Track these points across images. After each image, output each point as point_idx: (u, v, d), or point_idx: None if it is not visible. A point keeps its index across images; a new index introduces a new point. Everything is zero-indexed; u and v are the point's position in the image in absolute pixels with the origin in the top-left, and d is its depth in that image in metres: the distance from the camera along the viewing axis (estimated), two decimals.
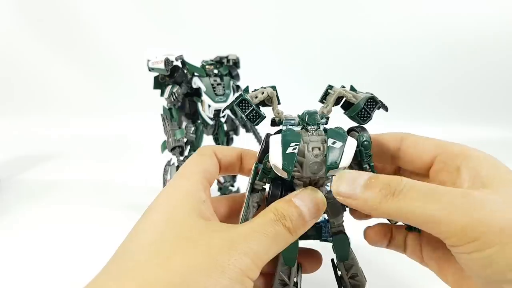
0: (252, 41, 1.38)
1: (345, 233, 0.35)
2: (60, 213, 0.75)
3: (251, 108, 0.33)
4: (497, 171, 0.28)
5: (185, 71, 0.67)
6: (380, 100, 0.33)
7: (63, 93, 1.42)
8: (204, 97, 0.65)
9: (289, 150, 0.29)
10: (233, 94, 0.69)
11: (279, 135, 0.31)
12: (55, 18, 1.37)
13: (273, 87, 0.35)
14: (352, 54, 1.40)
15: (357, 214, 0.37)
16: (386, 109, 0.34)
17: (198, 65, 0.68)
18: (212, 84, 0.66)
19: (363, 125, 0.34)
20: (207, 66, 0.67)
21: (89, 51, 1.41)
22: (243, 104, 0.33)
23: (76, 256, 0.60)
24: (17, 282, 0.55)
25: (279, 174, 0.31)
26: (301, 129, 0.34)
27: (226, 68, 0.70)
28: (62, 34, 1.39)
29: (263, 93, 0.34)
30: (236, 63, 0.72)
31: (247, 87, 0.35)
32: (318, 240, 0.39)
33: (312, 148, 0.31)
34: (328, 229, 0.38)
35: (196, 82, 0.66)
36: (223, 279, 0.25)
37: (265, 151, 0.33)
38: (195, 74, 0.67)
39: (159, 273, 0.24)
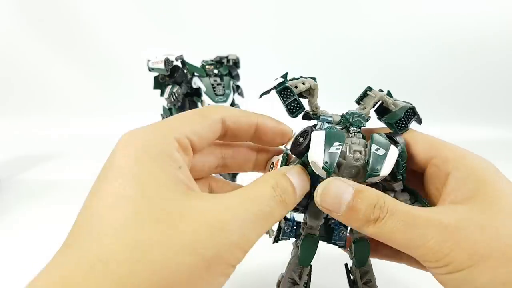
0: (252, 41, 1.38)
1: (367, 240, 0.34)
2: (60, 213, 0.74)
3: (293, 98, 0.31)
4: (485, 185, 0.27)
5: (185, 71, 0.67)
6: (417, 112, 0.33)
7: (63, 93, 1.42)
8: (204, 97, 0.65)
9: (332, 149, 0.28)
10: (233, 94, 0.69)
11: (323, 132, 0.29)
12: (55, 18, 1.37)
13: (314, 79, 0.33)
14: (352, 54, 1.40)
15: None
16: (420, 122, 0.33)
17: (198, 65, 0.68)
18: (212, 84, 0.66)
19: (399, 134, 0.33)
20: (207, 66, 0.67)
21: (89, 51, 1.41)
22: (285, 92, 0.31)
23: None
24: (17, 282, 0.55)
25: (317, 173, 0.29)
26: (342, 129, 0.32)
27: (226, 68, 0.70)
28: (62, 34, 1.39)
29: (304, 83, 0.32)
30: (236, 63, 0.72)
31: (286, 73, 0.33)
32: (326, 242, 0.38)
33: (354, 151, 0.29)
34: (340, 233, 0.37)
35: (196, 82, 0.66)
36: (208, 276, 0.22)
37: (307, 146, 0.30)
38: (195, 74, 0.67)
39: (137, 270, 0.21)
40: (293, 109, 0.32)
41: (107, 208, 0.23)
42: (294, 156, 0.32)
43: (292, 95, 0.31)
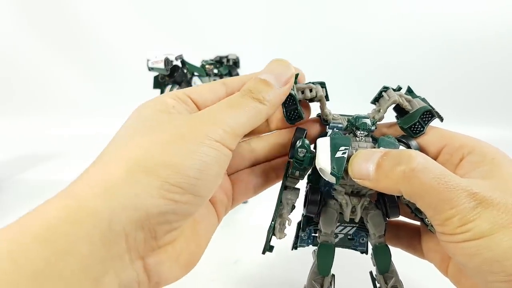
0: (252, 41, 1.38)
1: (387, 245, 0.34)
2: None
3: (294, 107, 0.32)
4: (499, 167, 0.28)
5: (185, 71, 0.67)
6: (436, 112, 0.32)
7: (63, 93, 1.42)
8: None
9: (339, 154, 0.28)
10: None
11: (328, 138, 0.30)
12: (55, 18, 1.37)
13: (322, 84, 0.33)
14: (352, 54, 1.40)
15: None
16: (441, 119, 0.33)
17: (198, 65, 0.68)
18: None
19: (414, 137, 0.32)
20: (207, 66, 0.67)
21: (90, 51, 1.41)
22: (288, 99, 0.31)
23: None
24: None
25: (326, 179, 0.29)
26: (349, 133, 0.32)
27: (226, 68, 0.70)
28: (62, 34, 1.39)
29: (311, 90, 0.32)
30: (236, 63, 0.72)
31: (297, 74, 0.32)
32: (348, 249, 0.38)
33: None
34: (359, 239, 0.37)
35: (196, 82, 0.66)
36: (183, 143, 0.25)
37: (293, 145, 0.31)
38: (195, 74, 0.67)
39: (123, 153, 0.26)
40: (292, 117, 0.32)
41: (116, 135, 0.29)
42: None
43: (294, 103, 0.31)
